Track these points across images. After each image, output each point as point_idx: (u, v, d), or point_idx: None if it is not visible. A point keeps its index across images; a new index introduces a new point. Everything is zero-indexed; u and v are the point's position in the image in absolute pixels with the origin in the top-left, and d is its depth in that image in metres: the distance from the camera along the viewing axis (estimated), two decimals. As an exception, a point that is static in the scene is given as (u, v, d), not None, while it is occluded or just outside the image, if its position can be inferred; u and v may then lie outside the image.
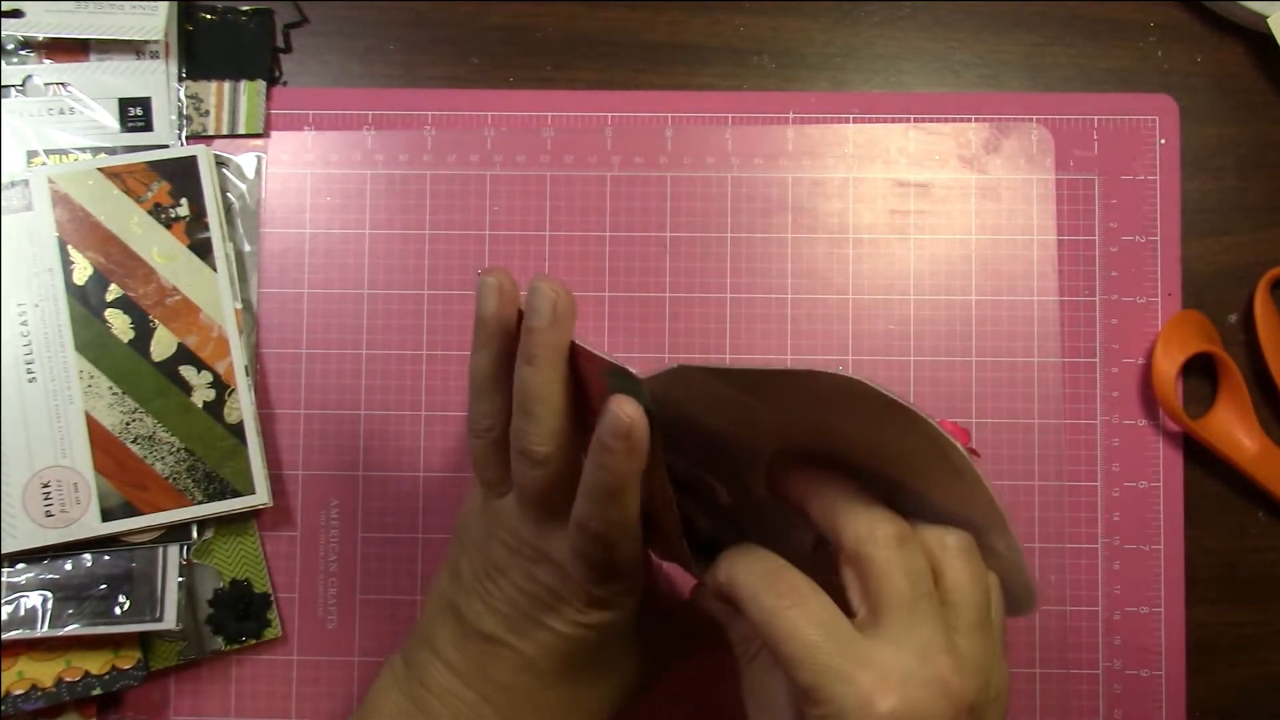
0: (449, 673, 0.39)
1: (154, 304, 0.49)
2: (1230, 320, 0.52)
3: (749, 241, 0.52)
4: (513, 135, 0.52)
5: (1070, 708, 0.50)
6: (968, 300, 0.51)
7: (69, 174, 0.50)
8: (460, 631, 0.39)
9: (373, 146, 0.52)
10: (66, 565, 0.49)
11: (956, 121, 0.52)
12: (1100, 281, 0.51)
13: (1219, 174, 0.52)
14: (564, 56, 0.53)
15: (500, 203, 0.52)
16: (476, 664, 0.39)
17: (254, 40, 0.52)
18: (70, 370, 0.49)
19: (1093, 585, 0.50)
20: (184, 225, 0.50)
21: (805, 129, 0.52)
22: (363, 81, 0.53)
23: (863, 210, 0.52)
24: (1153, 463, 0.51)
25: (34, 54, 0.52)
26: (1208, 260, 0.52)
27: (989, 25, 0.53)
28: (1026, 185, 0.52)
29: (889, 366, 0.51)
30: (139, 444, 0.49)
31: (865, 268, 0.51)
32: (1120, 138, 0.52)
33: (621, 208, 0.52)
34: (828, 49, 0.53)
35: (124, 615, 0.48)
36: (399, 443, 0.51)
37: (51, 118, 0.51)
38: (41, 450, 0.49)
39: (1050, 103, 0.52)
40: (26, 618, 0.48)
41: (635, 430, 0.32)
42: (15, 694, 0.48)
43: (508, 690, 0.38)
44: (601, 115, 0.52)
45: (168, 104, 0.52)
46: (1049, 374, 0.51)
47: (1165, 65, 0.53)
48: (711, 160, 0.52)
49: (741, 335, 0.51)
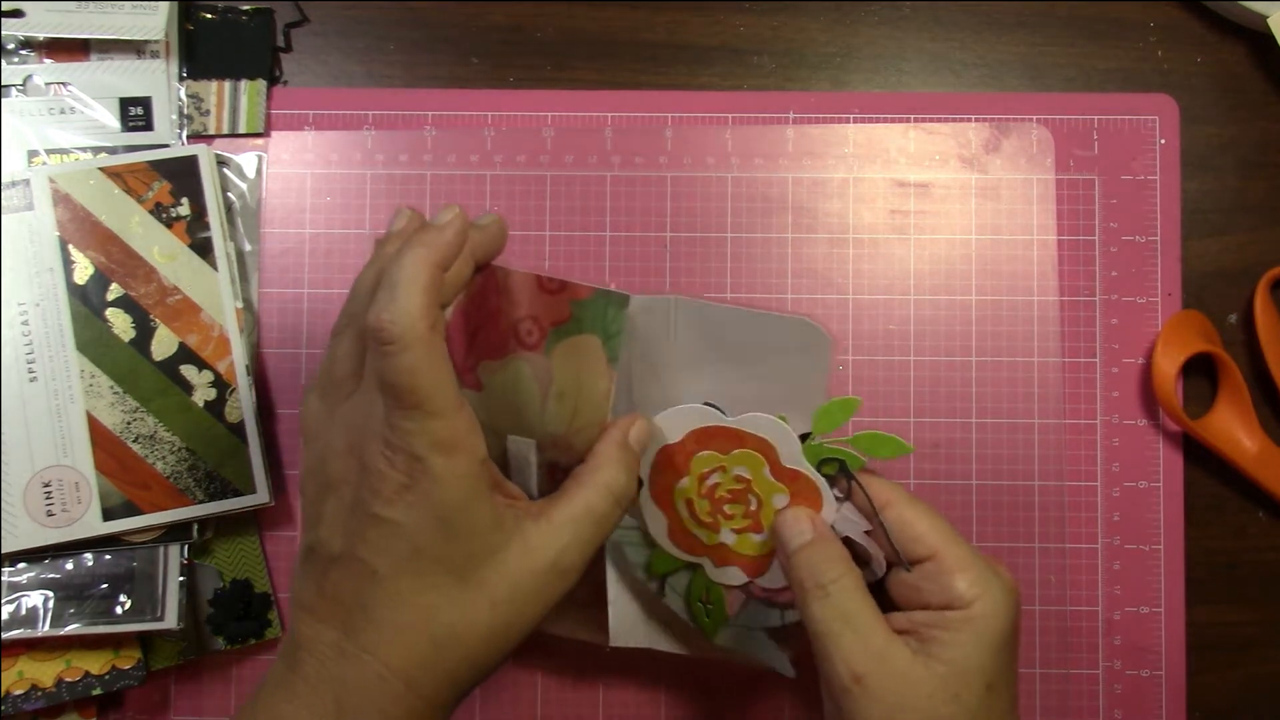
0: (310, 618, 0.37)
1: (155, 303, 0.49)
2: (1230, 320, 0.52)
3: (749, 241, 0.52)
4: (513, 135, 0.52)
5: (1070, 708, 0.50)
6: (968, 300, 0.51)
7: (70, 173, 0.50)
8: (316, 570, 0.37)
9: (373, 146, 0.52)
10: (67, 565, 0.49)
11: (956, 121, 0.52)
12: (1100, 281, 0.51)
13: (1219, 174, 0.52)
14: (564, 56, 0.53)
15: (500, 203, 0.52)
16: (331, 597, 0.36)
17: (254, 40, 0.52)
18: (71, 370, 0.49)
19: (1093, 585, 0.50)
20: (185, 224, 0.50)
21: (805, 129, 0.52)
22: (363, 81, 0.53)
23: (863, 210, 0.52)
24: (1153, 463, 0.51)
25: (34, 54, 0.52)
26: (1208, 260, 0.52)
27: (989, 25, 0.53)
28: (1026, 185, 0.52)
29: (889, 366, 0.51)
30: (140, 443, 0.49)
31: (865, 268, 0.51)
32: (1120, 138, 0.52)
33: (621, 208, 0.52)
34: (828, 49, 0.53)
35: (124, 615, 0.48)
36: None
37: (52, 117, 0.51)
38: (42, 450, 0.49)
39: (1050, 103, 0.52)
40: (27, 617, 0.48)
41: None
42: (15, 694, 0.48)
43: (361, 612, 0.36)
44: (601, 115, 0.52)
45: (168, 103, 0.52)
46: (1049, 374, 0.51)
47: (1165, 65, 0.53)
48: (711, 160, 0.52)
49: (741, 335, 0.51)
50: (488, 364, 0.39)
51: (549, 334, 0.39)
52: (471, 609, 0.36)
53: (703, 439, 0.41)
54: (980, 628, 0.38)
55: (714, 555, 0.43)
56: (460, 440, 0.35)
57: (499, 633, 0.36)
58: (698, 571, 0.43)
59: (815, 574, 0.39)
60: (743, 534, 0.42)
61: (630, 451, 0.39)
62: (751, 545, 0.42)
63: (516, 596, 0.36)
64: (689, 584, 0.44)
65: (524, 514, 0.37)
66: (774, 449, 0.41)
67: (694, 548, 0.43)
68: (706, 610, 0.44)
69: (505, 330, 0.39)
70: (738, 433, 0.41)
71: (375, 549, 0.35)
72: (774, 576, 0.43)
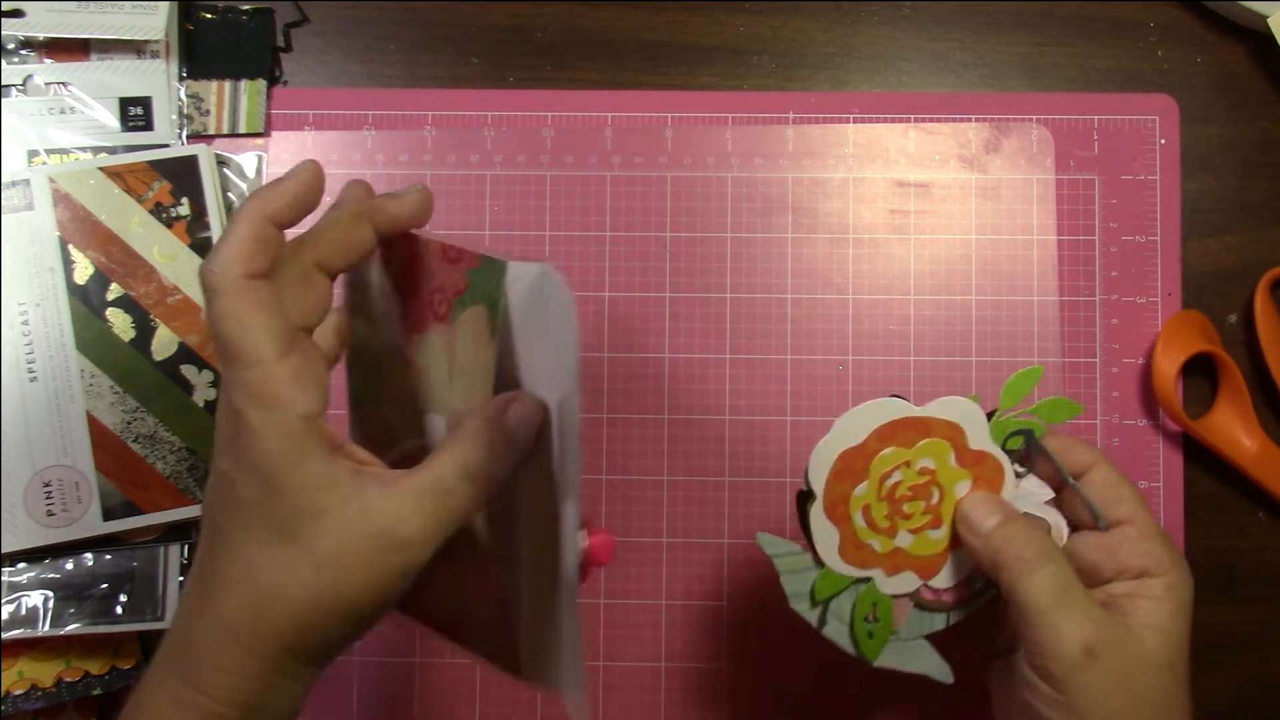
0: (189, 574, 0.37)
1: (155, 303, 0.49)
2: (1230, 320, 0.52)
3: (749, 241, 0.52)
4: (513, 135, 0.52)
5: (1070, 707, 0.50)
6: (968, 300, 0.51)
7: (70, 173, 0.50)
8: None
9: (373, 146, 0.52)
10: (67, 564, 0.49)
11: (956, 121, 0.52)
12: (1100, 281, 0.51)
13: (1219, 174, 0.52)
14: (564, 56, 0.53)
15: (500, 203, 0.52)
16: (198, 549, 0.36)
17: (254, 40, 0.52)
18: (71, 369, 0.49)
19: (1092, 585, 0.50)
20: (185, 224, 0.50)
21: (805, 129, 0.52)
22: (363, 81, 0.53)
23: (863, 210, 0.52)
24: (1153, 463, 0.51)
25: (35, 54, 0.52)
26: (1208, 260, 0.52)
27: (989, 25, 0.53)
28: (1026, 185, 0.52)
29: (889, 366, 0.51)
30: (140, 443, 0.49)
31: (865, 268, 0.51)
32: (1120, 138, 0.52)
33: (621, 208, 0.52)
34: (828, 49, 0.53)
35: (125, 615, 0.48)
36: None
37: (52, 117, 0.51)
38: (43, 449, 0.49)
39: (1050, 103, 0.52)
40: (28, 617, 0.48)
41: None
42: (15, 694, 0.48)
43: (211, 562, 0.35)
44: (601, 115, 0.52)
45: (168, 103, 0.52)
46: (1049, 374, 0.51)
47: (1165, 65, 0.53)
48: (711, 160, 0.52)
49: (741, 335, 0.51)
50: (415, 337, 0.38)
51: (453, 305, 0.37)
52: (294, 568, 0.34)
53: (887, 435, 0.39)
54: (1182, 595, 0.38)
55: (886, 564, 0.41)
56: (278, 393, 0.33)
57: (325, 596, 0.34)
58: (867, 587, 0.41)
59: (1022, 549, 0.38)
60: (919, 533, 0.40)
61: (500, 430, 0.36)
62: (928, 544, 0.41)
63: (344, 561, 0.34)
64: (854, 603, 0.41)
65: (368, 479, 0.35)
66: (962, 432, 0.39)
67: (866, 560, 0.40)
68: (870, 631, 0.41)
69: (424, 302, 0.38)
70: (925, 421, 0.39)
71: (212, 501, 0.35)
72: (945, 576, 0.41)
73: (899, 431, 0.39)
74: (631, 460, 0.51)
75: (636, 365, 0.51)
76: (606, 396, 0.51)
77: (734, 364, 0.51)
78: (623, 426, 0.51)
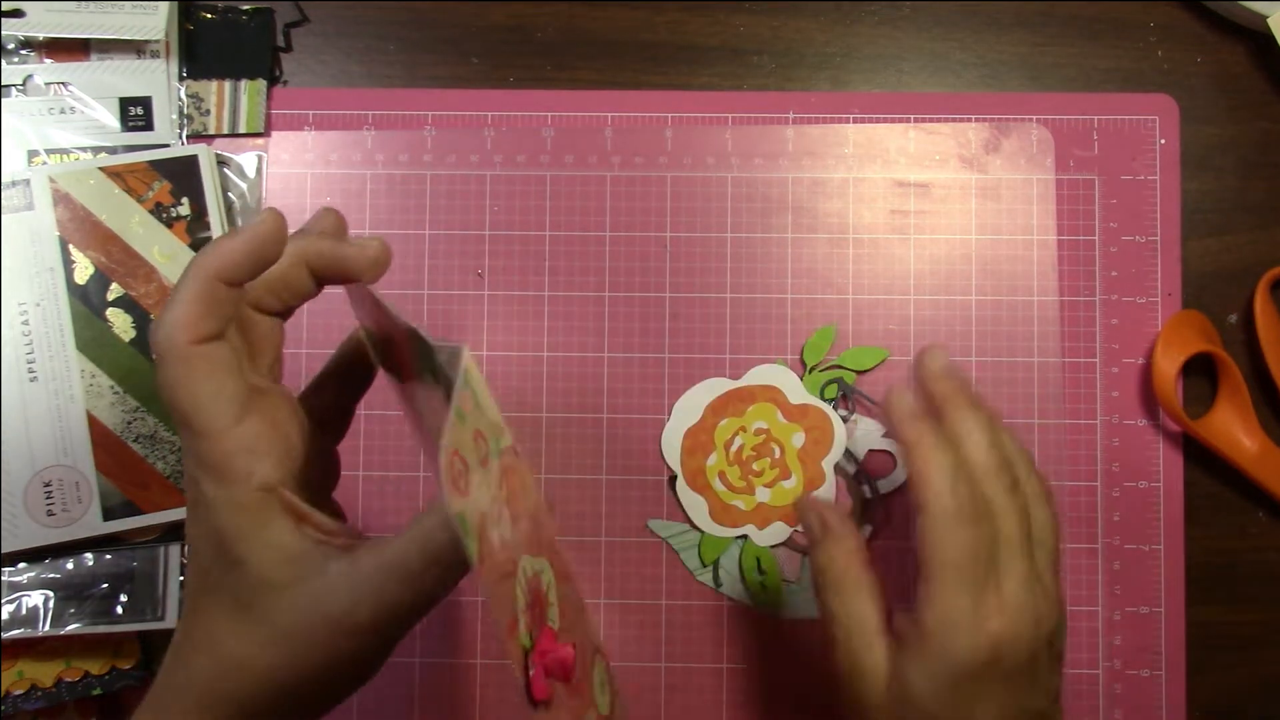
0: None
1: (155, 303, 0.50)
2: (1230, 320, 0.52)
3: (749, 241, 0.52)
4: (513, 135, 0.52)
5: (1070, 708, 0.50)
6: (968, 300, 0.51)
7: (70, 173, 0.50)
8: None
9: (373, 146, 0.52)
10: (68, 564, 0.49)
11: (956, 121, 0.52)
12: (1100, 281, 0.51)
13: (1219, 174, 0.52)
14: (564, 56, 0.53)
15: (500, 203, 0.52)
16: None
17: (254, 40, 0.52)
18: (72, 369, 0.49)
19: (1093, 585, 0.50)
20: (185, 224, 0.50)
21: (805, 129, 0.52)
22: (363, 81, 0.53)
23: (863, 210, 0.52)
24: (1153, 463, 0.51)
25: (34, 54, 0.52)
26: (1208, 260, 0.52)
27: (989, 25, 0.53)
28: (1026, 185, 0.52)
29: (889, 366, 0.51)
30: (140, 443, 0.49)
31: (865, 268, 0.51)
32: (1120, 138, 0.52)
33: (621, 208, 0.52)
34: (828, 49, 0.53)
35: (125, 615, 0.48)
36: (399, 442, 0.51)
37: (52, 117, 0.51)
38: (43, 449, 0.49)
39: (1050, 103, 0.52)
40: (28, 617, 0.48)
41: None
42: (15, 694, 0.48)
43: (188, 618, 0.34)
44: (601, 115, 0.52)
45: (168, 103, 0.52)
46: (1049, 374, 0.51)
47: (1165, 65, 0.53)
48: (711, 160, 0.52)
49: (741, 335, 0.51)
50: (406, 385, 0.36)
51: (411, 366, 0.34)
52: (247, 641, 0.33)
53: (720, 408, 0.46)
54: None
55: (756, 520, 0.46)
56: (230, 465, 0.32)
57: (279, 672, 0.32)
58: (745, 543, 0.47)
59: (831, 568, 0.39)
60: (774, 486, 0.46)
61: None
62: (785, 494, 0.47)
63: (294, 641, 0.32)
64: (739, 560, 0.47)
65: (331, 553, 0.32)
66: (780, 392, 0.46)
67: (736, 520, 0.47)
68: (761, 583, 0.47)
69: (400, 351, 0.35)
70: (748, 390, 0.46)
71: (189, 562, 0.34)
72: None
73: (729, 403, 0.47)
74: (632, 460, 0.51)
75: (636, 366, 0.51)
76: (607, 397, 0.51)
77: (734, 364, 0.51)
78: (623, 427, 0.51)
